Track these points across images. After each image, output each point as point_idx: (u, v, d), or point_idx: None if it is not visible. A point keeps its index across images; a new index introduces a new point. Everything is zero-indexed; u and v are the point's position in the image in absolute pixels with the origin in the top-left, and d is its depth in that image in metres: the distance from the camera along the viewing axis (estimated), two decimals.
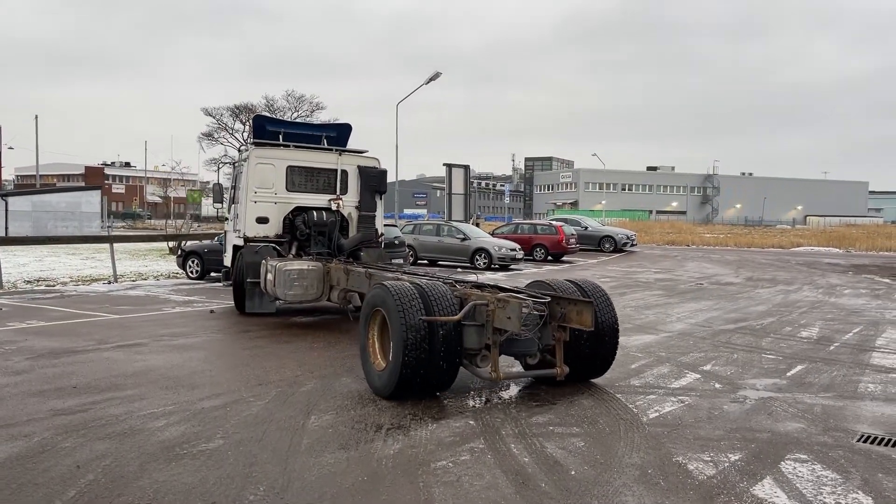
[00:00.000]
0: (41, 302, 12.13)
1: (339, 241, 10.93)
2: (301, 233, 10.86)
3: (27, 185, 78.72)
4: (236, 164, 11.96)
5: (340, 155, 11.40)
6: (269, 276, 9.53)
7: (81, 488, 3.95)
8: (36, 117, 58.87)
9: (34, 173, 67.58)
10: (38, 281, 15.49)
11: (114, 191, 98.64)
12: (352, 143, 12.45)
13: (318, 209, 10.95)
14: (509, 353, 5.91)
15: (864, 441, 5.06)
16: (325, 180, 11.18)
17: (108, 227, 30.68)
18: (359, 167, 11.38)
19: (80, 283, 15.37)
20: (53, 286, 14.63)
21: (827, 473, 4.40)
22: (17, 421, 5.20)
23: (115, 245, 17.39)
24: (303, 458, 4.48)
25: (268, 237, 10.75)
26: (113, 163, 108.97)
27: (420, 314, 5.50)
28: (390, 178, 12.65)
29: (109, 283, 15.42)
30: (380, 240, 11.61)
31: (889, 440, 5.07)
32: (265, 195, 10.77)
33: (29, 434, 4.89)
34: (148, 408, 5.60)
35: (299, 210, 10.93)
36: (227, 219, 12.31)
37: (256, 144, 11.07)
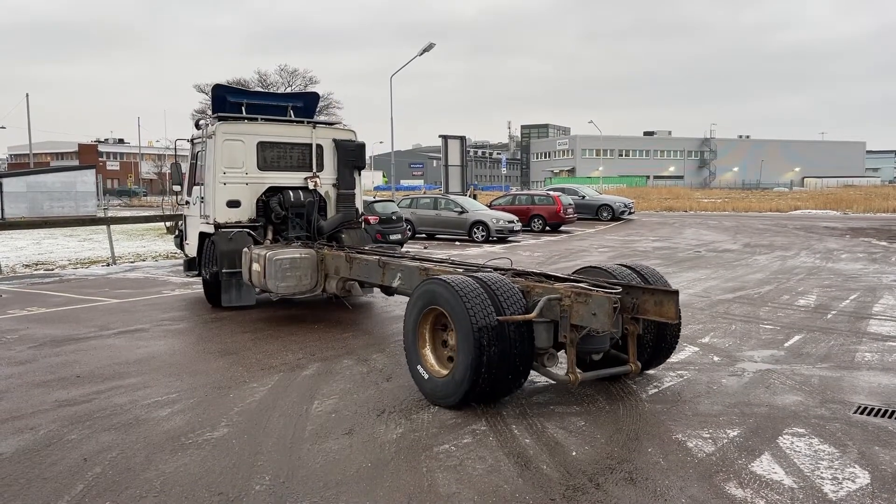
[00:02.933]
0: (41, 287, 12.15)
1: (318, 223, 10.14)
2: (276, 215, 9.91)
3: (20, 165, 78.31)
4: (195, 141, 10.70)
5: (314, 128, 10.40)
6: (256, 267, 8.67)
7: (89, 482, 4.01)
8: (27, 95, 58.49)
9: (27, 152, 67.10)
10: (36, 265, 15.49)
11: (108, 168, 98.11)
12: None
13: (294, 189, 10.05)
14: (582, 352, 5.39)
15: (861, 413, 5.13)
16: (300, 157, 10.25)
17: (105, 207, 30.57)
18: (335, 141, 10.49)
19: (78, 265, 15.38)
20: (52, 270, 14.64)
21: (824, 447, 4.46)
22: (23, 413, 5.24)
23: (112, 226, 17.33)
24: (307, 446, 4.54)
25: (240, 222, 9.73)
26: (106, 139, 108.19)
27: (490, 313, 4.99)
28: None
29: (108, 265, 15.42)
30: (360, 220, 10.81)
31: (885, 411, 5.14)
32: (235, 175, 9.72)
33: (35, 426, 4.94)
34: (152, 396, 5.64)
35: (273, 191, 10.00)
36: (186, 202, 11.09)
37: (221, 118, 9.91)
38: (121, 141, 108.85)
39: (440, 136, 31.35)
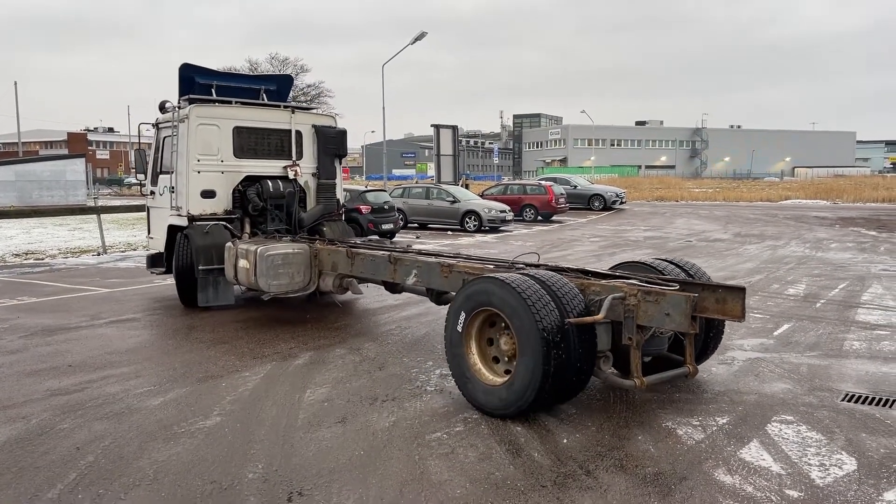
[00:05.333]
0: (31, 276, 12.09)
1: (298, 216, 9.65)
2: (254, 207, 9.34)
3: (9, 153, 77.63)
4: (161, 126, 9.84)
5: (293, 112, 9.82)
6: (244, 264, 8.03)
7: (82, 470, 4.01)
8: (15, 84, 57.67)
9: (16, 140, 66.53)
10: (26, 254, 15.40)
11: (98, 157, 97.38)
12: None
13: (273, 178, 9.50)
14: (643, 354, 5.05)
15: (849, 400, 5.19)
16: (278, 143, 9.65)
17: (95, 196, 30.36)
18: (314, 127, 9.91)
19: (69, 255, 15.30)
20: (42, 259, 14.56)
21: (812, 434, 4.52)
22: (15, 402, 5.23)
23: (102, 215, 17.24)
24: (300, 434, 4.56)
25: (216, 214, 9.15)
26: (96, 128, 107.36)
27: (555, 314, 4.62)
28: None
29: (99, 254, 15.36)
30: (341, 211, 10.31)
31: (872, 398, 5.20)
32: (210, 163, 9.09)
33: (27, 416, 4.94)
34: (144, 385, 5.64)
35: (249, 180, 9.42)
36: (151, 192, 10.29)
37: (192, 101, 9.16)
38: (110, 130, 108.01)
39: (432, 125, 31.21)
